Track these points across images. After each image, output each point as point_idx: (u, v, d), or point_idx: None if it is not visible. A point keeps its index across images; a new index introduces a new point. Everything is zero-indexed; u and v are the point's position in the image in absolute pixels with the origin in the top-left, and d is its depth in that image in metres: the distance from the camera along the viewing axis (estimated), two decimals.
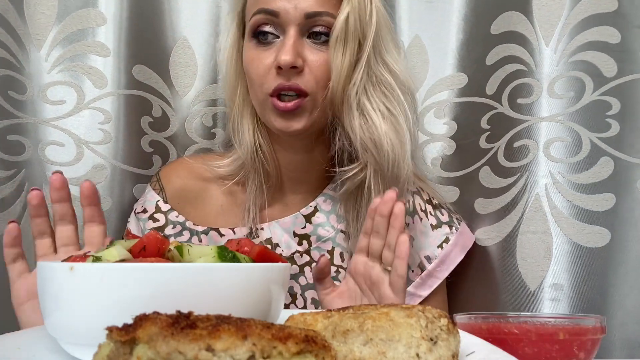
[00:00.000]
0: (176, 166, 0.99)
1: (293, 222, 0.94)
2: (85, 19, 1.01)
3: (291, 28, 0.82)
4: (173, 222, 0.93)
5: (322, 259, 0.82)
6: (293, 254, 0.93)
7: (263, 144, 0.90)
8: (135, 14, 1.03)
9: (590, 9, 1.00)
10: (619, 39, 0.99)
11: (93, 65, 1.01)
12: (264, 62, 0.84)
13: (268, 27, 0.84)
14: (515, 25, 1.03)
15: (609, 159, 1.00)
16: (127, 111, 1.03)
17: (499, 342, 0.55)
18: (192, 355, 0.34)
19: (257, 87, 0.85)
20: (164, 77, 1.06)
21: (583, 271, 0.99)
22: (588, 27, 1.00)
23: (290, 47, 0.81)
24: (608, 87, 1.00)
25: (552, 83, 1.01)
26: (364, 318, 0.45)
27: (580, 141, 1.01)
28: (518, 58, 1.03)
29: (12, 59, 0.99)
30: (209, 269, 0.48)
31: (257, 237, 0.92)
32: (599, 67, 1.00)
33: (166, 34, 1.06)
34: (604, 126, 1.00)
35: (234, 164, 0.92)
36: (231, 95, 0.92)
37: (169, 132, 1.07)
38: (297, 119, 0.84)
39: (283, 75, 0.82)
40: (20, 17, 0.99)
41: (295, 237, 0.93)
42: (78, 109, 1.01)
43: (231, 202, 0.95)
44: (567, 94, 1.01)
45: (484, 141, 1.06)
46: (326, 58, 0.83)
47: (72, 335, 0.48)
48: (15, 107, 0.99)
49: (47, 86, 1.01)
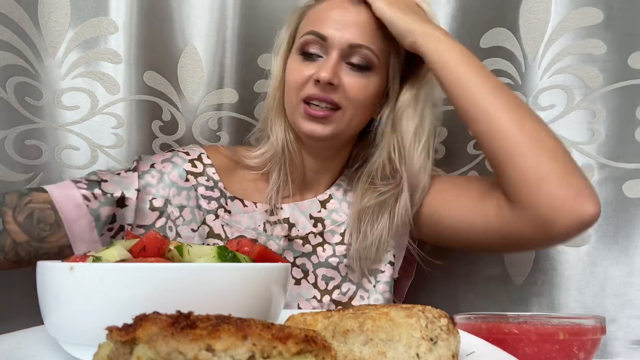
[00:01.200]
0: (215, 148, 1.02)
1: (310, 206, 0.99)
2: (98, 27, 1.04)
3: (334, 52, 0.89)
4: (209, 176, 0.95)
5: None
6: (307, 234, 0.97)
7: (292, 143, 0.96)
8: (146, 22, 1.05)
9: (574, 24, 1.04)
10: (605, 49, 1.03)
11: (105, 72, 1.04)
12: (304, 72, 0.91)
13: (314, 48, 0.91)
14: (502, 41, 1.06)
15: (594, 164, 1.03)
16: (139, 116, 1.06)
17: (499, 342, 0.55)
18: (192, 355, 0.34)
19: (293, 92, 0.92)
20: (173, 82, 1.08)
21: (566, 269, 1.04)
22: (572, 41, 1.04)
23: (331, 67, 0.88)
24: (592, 96, 1.04)
25: (536, 96, 1.06)
26: (364, 318, 0.45)
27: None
28: (505, 72, 1.07)
29: (28, 66, 1.01)
30: (209, 269, 0.48)
31: (275, 215, 0.96)
32: (583, 78, 1.04)
33: (175, 41, 1.08)
34: (588, 134, 1.04)
35: (263, 156, 0.97)
36: (273, 94, 0.97)
37: (177, 135, 1.09)
38: (324, 126, 0.91)
39: (319, 87, 0.89)
40: (35, 26, 1.01)
41: (311, 220, 0.98)
42: (92, 114, 1.04)
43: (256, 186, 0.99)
44: (551, 105, 1.05)
45: (472, 147, 1.09)
46: (361, 82, 0.91)
47: (72, 335, 0.48)
48: (31, 112, 1.02)
49: (62, 92, 1.03)
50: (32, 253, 0.81)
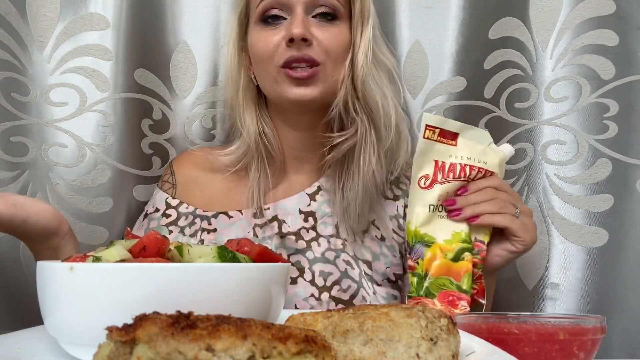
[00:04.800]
0: (186, 155, 1.04)
1: (298, 200, 0.96)
2: (89, 22, 1.01)
3: (298, 7, 0.88)
4: (184, 213, 0.96)
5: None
6: (299, 230, 0.95)
7: (266, 129, 0.95)
8: (137, 18, 1.04)
9: (587, 13, 1.01)
10: (617, 42, 1.00)
11: (95, 68, 1.02)
12: (272, 39, 0.88)
13: (276, 11, 0.89)
14: (512, 31, 1.04)
15: (607, 160, 1.01)
16: (128, 114, 1.04)
17: (499, 342, 0.55)
18: (192, 355, 0.34)
19: (267, 62, 0.89)
20: (165, 80, 1.07)
21: (579, 271, 1.01)
22: (585, 31, 1.02)
23: (300, 22, 0.86)
24: (606, 89, 1.01)
25: (548, 88, 1.03)
26: (364, 318, 0.45)
27: (578, 143, 1.01)
28: (515, 63, 1.05)
29: (14, 61, 0.99)
30: (209, 269, 0.48)
31: (262, 217, 0.95)
32: (596, 70, 1.01)
33: (167, 38, 1.07)
34: (601, 128, 1.01)
35: (238, 152, 0.96)
36: (234, 86, 0.96)
37: (168, 134, 1.08)
38: (311, 87, 0.88)
39: (294, 47, 0.86)
40: (22, 19, 0.99)
41: (301, 214, 0.96)
42: (80, 111, 1.02)
43: (236, 187, 0.98)
44: (564, 97, 1.02)
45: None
46: (332, 32, 0.88)
47: (72, 335, 0.48)
48: (18, 108, 1.00)
49: (50, 88, 1.01)
50: None
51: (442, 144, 0.86)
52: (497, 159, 0.87)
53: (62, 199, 1.01)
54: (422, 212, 0.86)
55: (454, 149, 0.86)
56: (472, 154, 0.86)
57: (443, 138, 0.86)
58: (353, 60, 0.90)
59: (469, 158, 0.86)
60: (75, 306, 0.47)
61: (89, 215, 1.02)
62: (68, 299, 0.47)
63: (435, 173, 0.86)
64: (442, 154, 0.86)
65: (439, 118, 0.86)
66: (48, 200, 1.00)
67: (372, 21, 0.93)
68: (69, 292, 0.47)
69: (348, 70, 0.90)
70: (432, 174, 0.86)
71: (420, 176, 0.86)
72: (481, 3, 1.05)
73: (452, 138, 0.86)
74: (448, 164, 0.86)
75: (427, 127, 0.85)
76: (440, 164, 0.86)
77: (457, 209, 0.84)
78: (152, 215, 0.98)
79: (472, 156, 0.86)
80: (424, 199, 0.86)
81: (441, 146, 0.86)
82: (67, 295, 0.47)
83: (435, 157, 0.86)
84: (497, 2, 1.05)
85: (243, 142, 0.95)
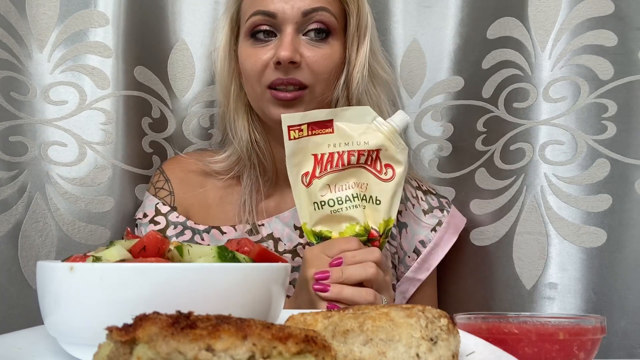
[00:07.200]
0: (176, 160, 1.02)
1: (292, 216, 0.95)
2: (88, 20, 1.01)
3: (288, 26, 0.85)
4: (174, 222, 0.94)
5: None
6: (296, 247, 0.94)
7: (259, 139, 0.93)
8: (136, 15, 1.03)
9: (585, 14, 1.01)
10: (616, 42, 1.00)
11: (95, 66, 1.01)
12: (261, 57, 0.86)
13: (265, 27, 0.86)
14: (511, 31, 1.04)
15: (605, 160, 1.01)
16: (128, 112, 1.04)
17: (499, 342, 0.55)
18: (192, 355, 0.34)
19: (254, 81, 0.88)
20: (163, 78, 1.06)
21: (577, 271, 1.00)
22: (584, 31, 1.01)
23: (289, 43, 0.83)
24: (604, 89, 1.01)
25: (547, 88, 1.03)
26: (364, 318, 0.45)
27: (576, 144, 1.01)
28: (514, 63, 1.04)
29: (14, 60, 0.99)
30: (209, 269, 0.48)
31: (258, 234, 0.93)
32: (595, 70, 1.01)
33: (166, 36, 1.06)
34: (600, 128, 1.01)
35: (229, 160, 0.95)
36: (225, 93, 0.94)
37: (166, 133, 1.07)
38: (295, 108, 0.86)
39: (281, 70, 0.84)
40: (22, 18, 0.99)
41: (296, 230, 0.94)
42: (80, 109, 1.01)
43: (229, 196, 0.97)
44: (562, 97, 1.02)
45: (480, 144, 1.07)
46: (323, 53, 0.86)
47: (72, 335, 0.48)
48: (17, 107, 0.99)
49: (49, 87, 1.00)
50: None
51: (317, 135, 0.82)
52: (382, 134, 0.83)
53: (62, 198, 1.00)
54: (311, 210, 0.83)
55: (332, 136, 0.83)
56: (350, 138, 0.82)
57: (317, 129, 0.82)
58: (348, 78, 0.89)
59: (346, 144, 0.82)
60: (75, 306, 0.47)
61: (89, 215, 1.01)
62: (68, 298, 0.47)
63: (314, 168, 0.82)
64: (319, 145, 0.83)
65: (298, 115, 0.83)
66: (47, 200, 0.99)
67: (369, 35, 0.91)
68: (69, 292, 0.47)
69: (342, 89, 0.88)
70: (312, 170, 0.83)
71: (302, 174, 0.83)
72: (480, 2, 1.05)
73: (326, 126, 0.82)
74: (327, 154, 0.82)
75: (289, 128, 0.82)
76: (319, 157, 0.83)
77: (325, 285, 0.75)
78: (140, 221, 0.97)
79: (350, 140, 0.82)
80: (309, 197, 0.83)
81: (317, 138, 0.82)
82: (67, 295, 0.47)
83: (313, 151, 0.82)
84: (495, 1, 1.05)
85: (234, 150, 0.94)
